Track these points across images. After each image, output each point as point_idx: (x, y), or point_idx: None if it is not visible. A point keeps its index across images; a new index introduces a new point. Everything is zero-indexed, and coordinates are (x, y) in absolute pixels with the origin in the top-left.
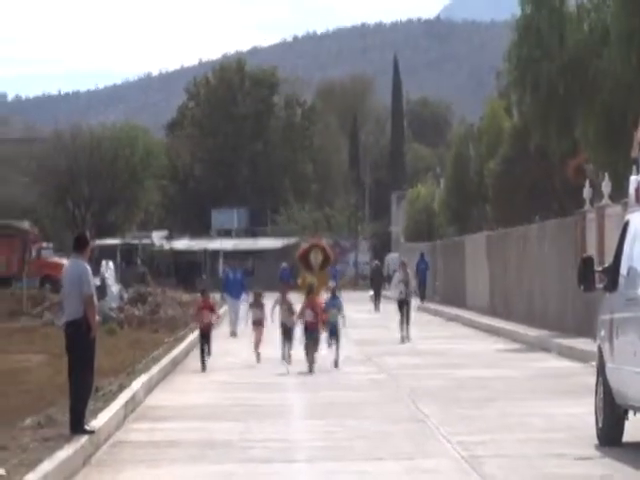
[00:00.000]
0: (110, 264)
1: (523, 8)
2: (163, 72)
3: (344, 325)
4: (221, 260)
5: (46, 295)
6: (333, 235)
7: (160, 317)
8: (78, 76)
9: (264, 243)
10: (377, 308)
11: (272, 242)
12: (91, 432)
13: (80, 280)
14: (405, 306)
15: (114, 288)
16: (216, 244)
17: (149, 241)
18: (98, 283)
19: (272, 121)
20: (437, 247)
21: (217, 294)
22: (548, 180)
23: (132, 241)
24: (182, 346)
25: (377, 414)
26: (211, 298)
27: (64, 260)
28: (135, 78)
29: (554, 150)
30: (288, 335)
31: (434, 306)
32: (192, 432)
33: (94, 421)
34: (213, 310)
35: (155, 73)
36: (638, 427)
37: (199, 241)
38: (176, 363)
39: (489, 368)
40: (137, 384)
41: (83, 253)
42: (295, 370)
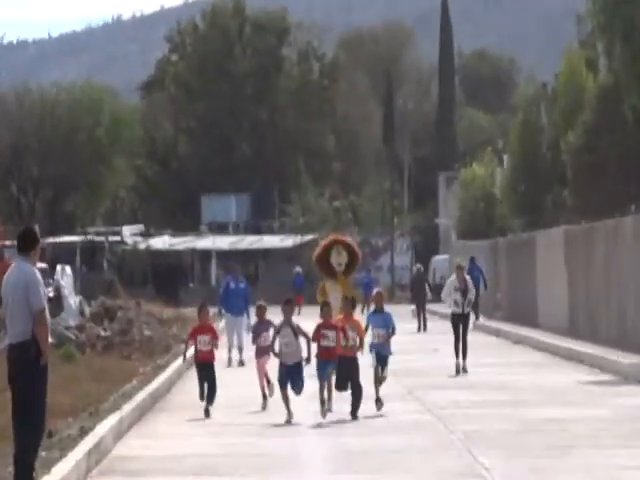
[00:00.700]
0: (67, 269)
1: None
2: (137, 15)
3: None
4: (214, 263)
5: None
6: (361, 231)
7: (133, 339)
8: (25, 22)
9: (271, 241)
10: (421, 326)
11: (281, 240)
12: None
13: (27, 290)
14: (462, 323)
15: (72, 300)
16: (207, 242)
17: (118, 238)
18: (52, 294)
19: (281, 80)
20: (499, 246)
21: (210, 309)
22: None
23: (96, 238)
24: (163, 377)
25: (422, 467)
26: (211, 317)
27: None
28: (99, 23)
29: None
30: (292, 376)
31: (495, 324)
32: None
33: (47, 476)
34: (214, 335)
35: (126, 16)
36: None
37: (185, 239)
38: (155, 399)
39: (568, 407)
40: (103, 427)
41: (30, 254)
42: (307, 408)
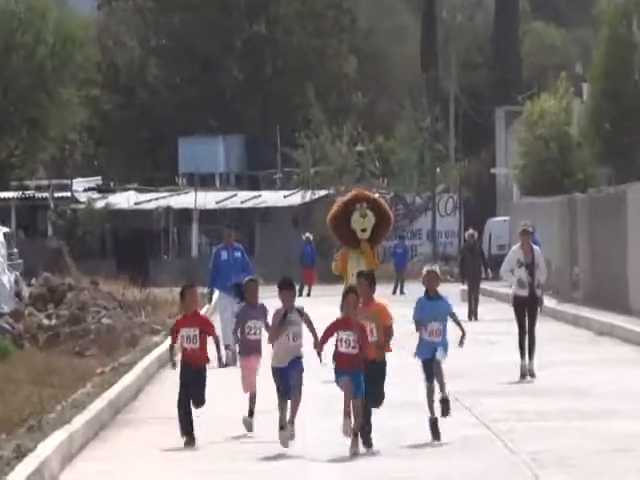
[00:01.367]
0: None
1: None
2: None
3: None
4: (195, 228)
5: None
6: (393, 184)
7: (88, 329)
8: None
9: (271, 199)
10: (473, 313)
11: (285, 197)
12: None
13: None
14: (528, 311)
15: (6, 278)
16: (187, 200)
17: (68, 194)
18: None
19: None
20: (577, 205)
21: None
22: None
23: (38, 194)
24: (127, 380)
25: None
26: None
27: None
28: None
29: None
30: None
31: (572, 309)
32: None
33: None
34: (208, 329)
35: None
36: None
37: (156, 195)
38: (116, 409)
39: None
40: (47, 447)
41: None
42: (321, 425)
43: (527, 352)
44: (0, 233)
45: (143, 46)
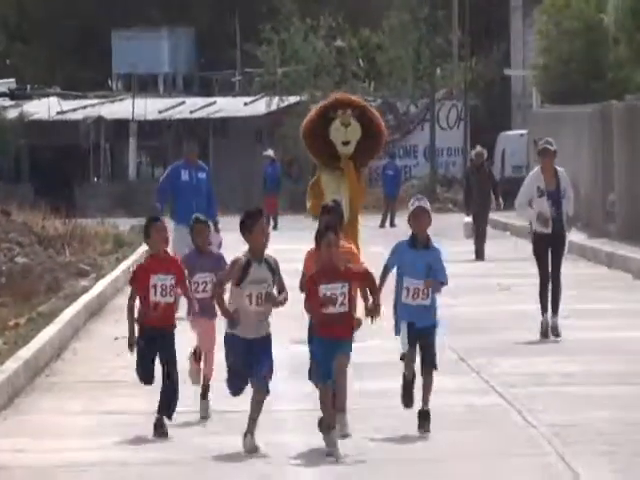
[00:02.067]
0: None
1: None
2: None
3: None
4: (133, 143)
5: None
6: (380, 89)
7: None
8: None
9: (230, 106)
10: (480, 251)
11: (246, 104)
12: None
13: None
14: (552, 252)
15: None
16: (122, 109)
17: None
18: None
19: None
20: (611, 115)
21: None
22: None
23: None
24: (47, 334)
25: None
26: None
27: None
28: None
29: None
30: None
31: (605, 245)
32: None
33: None
34: (180, 275)
35: None
36: None
37: (84, 102)
38: (34, 372)
39: None
40: None
41: None
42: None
43: (550, 304)
44: None
45: None
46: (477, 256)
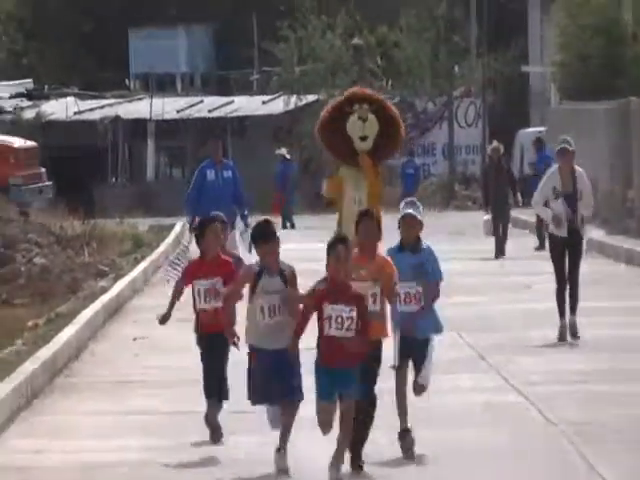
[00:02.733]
0: None
1: None
2: None
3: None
4: (151, 144)
5: None
6: (398, 87)
7: (17, 271)
8: None
9: (247, 105)
10: (500, 249)
11: (264, 103)
12: None
13: None
14: (570, 253)
15: None
16: (140, 109)
17: None
18: None
19: None
20: (632, 112)
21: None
22: None
23: None
24: (66, 334)
25: None
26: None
27: None
28: None
29: None
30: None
31: (624, 242)
32: None
33: None
34: (232, 278)
35: None
36: None
37: (101, 102)
38: (53, 373)
39: None
40: None
41: None
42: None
43: (568, 306)
44: None
45: None
46: (497, 254)
